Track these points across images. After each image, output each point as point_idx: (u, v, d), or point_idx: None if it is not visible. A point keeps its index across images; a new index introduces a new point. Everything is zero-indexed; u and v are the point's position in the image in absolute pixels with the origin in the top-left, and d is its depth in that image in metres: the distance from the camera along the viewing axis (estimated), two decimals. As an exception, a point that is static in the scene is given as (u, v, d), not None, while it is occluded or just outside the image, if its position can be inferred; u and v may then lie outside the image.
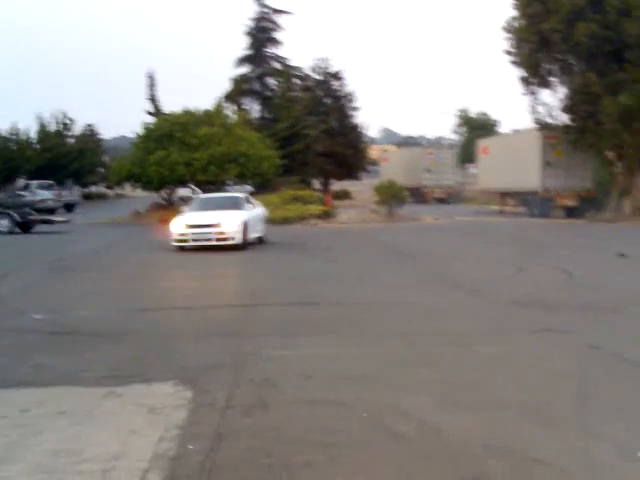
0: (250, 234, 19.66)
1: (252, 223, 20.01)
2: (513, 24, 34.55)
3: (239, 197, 21.95)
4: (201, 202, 21.67)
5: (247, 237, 19.35)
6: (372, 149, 66.16)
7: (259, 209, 22.11)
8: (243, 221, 19.32)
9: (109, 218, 35.39)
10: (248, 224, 19.50)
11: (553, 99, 34.95)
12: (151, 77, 41.64)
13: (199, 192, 31.21)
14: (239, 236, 18.97)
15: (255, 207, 21.67)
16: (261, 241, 20.95)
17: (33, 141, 59.81)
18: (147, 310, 10.23)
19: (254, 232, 20.21)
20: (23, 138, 58.70)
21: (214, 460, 4.40)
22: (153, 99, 41.64)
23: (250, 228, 19.66)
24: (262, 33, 51.58)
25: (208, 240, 18.95)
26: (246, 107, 49.82)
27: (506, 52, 35.01)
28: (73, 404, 5.61)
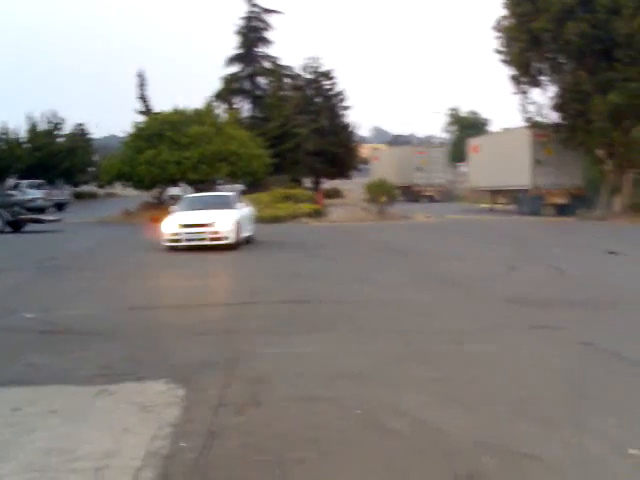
0: (242, 233, 19.56)
1: (243, 222, 19.89)
2: (503, 23, 34.59)
3: (230, 196, 21.69)
4: (191, 201, 21.38)
5: (240, 236, 19.26)
6: (363, 148, 66.17)
7: (248, 208, 21.98)
8: (236, 220, 19.20)
9: (100, 217, 35.24)
10: (240, 223, 19.41)
11: (543, 98, 35.02)
12: (141, 76, 41.61)
13: (190, 191, 31.19)
14: (233, 235, 18.78)
15: (245, 206, 21.54)
16: (249, 241, 20.59)
17: (23, 140, 59.52)
18: (139, 308, 10.19)
19: (245, 231, 20.08)
20: (13, 137, 58.45)
21: (207, 458, 4.40)
22: (143, 98, 41.56)
23: (242, 227, 19.58)
24: (253, 32, 51.48)
25: (202, 240, 18.70)
26: (237, 106, 49.71)
27: (496, 51, 35.07)
28: (65, 403, 5.59)
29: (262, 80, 51.98)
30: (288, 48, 62.20)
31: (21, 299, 11.18)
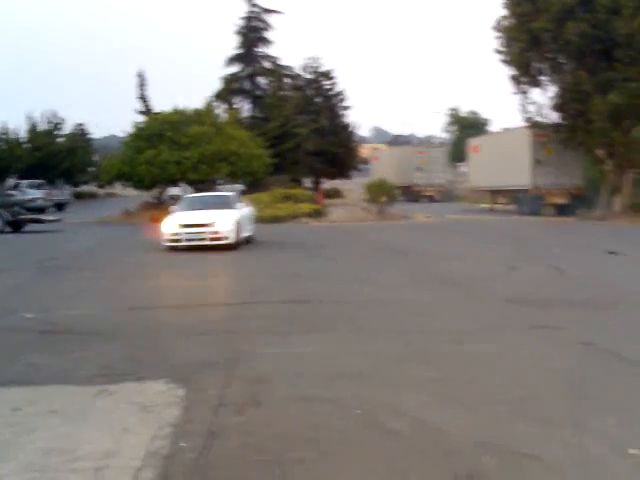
0: (242, 233, 19.50)
1: (243, 222, 19.84)
2: (503, 23, 34.59)
3: (230, 196, 21.60)
4: (190, 201, 21.29)
5: (240, 236, 19.20)
6: (363, 148, 66.17)
7: (248, 208, 21.92)
8: (236, 220, 19.13)
9: (100, 217, 35.24)
10: (240, 223, 19.35)
11: (543, 98, 35.02)
12: (141, 76, 41.62)
13: (190, 191, 31.16)
14: (233, 235, 18.71)
15: (245, 206, 21.48)
16: (249, 241, 20.51)
17: (23, 140, 59.50)
18: (139, 308, 10.19)
19: (245, 231, 20.02)
20: (13, 137, 58.44)
21: (207, 458, 4.39)
22: (143, 98, 41.57)
23: (242, 227, 19.54)
24: (253, 32, 51.47)
25: (202, 240, 18.63)
26: (237, 106, 49.69)
27: (496, 51, 35.07)
28: (65, 403, 5.59)
29: (262, 80, 51.97)
30: (288, 48, 62.35)
31: (21, 299, 11.18)
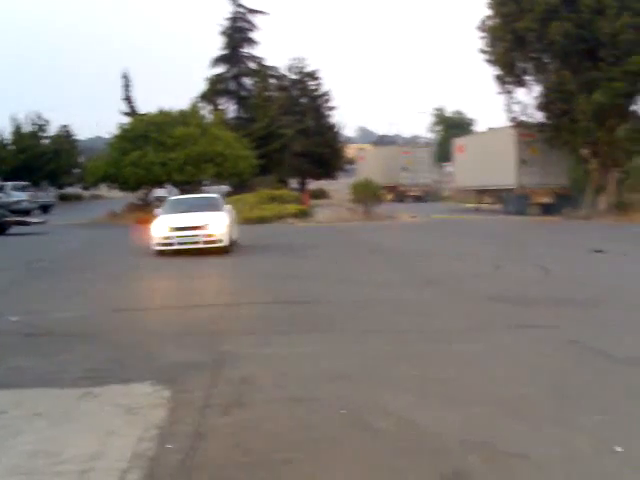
0: (233, 236, 19.12)
1: (233, 224, 19.53)
2: (488, 23, 34.66)
3: (217, 198, 21.11)
4: (175, 203, 20.41)
5: (232, 239, 18.75)
6: (348, 148, 66.26)
7: (232, 210, 21.46)
8: (229, 222, 18.70)
9: (85, 219, 35.06)
10: (231, 226, 18.96)
11: (528, 97, 35.08)
12: (126, 77, 41.47)
13: (176, 192, 31.04)
14: (226, 238, 18.14)
15: (230, 208, 21.02)
16: (233, 244, 19.71)
17: (8, 142, 59.15)
18: (124, 310, 10.15)
19: (234, 234, 19.64)
20: (-3, 139, 58.14)
21: (193, 459, 4.38)
22: (128, 99, 41.43)
23: (233, 230, 19.24)
24: (238, 33, 51.40)
25: (195, 243, 17.87)
26: (222, 107, 49.57)
27: (481, 51, 35.15)
28: (50, 405, 5.56)
29: (247, 81, 51.87)
30: (273, 49, 62.46)
31: (6, 302, 11.09)
